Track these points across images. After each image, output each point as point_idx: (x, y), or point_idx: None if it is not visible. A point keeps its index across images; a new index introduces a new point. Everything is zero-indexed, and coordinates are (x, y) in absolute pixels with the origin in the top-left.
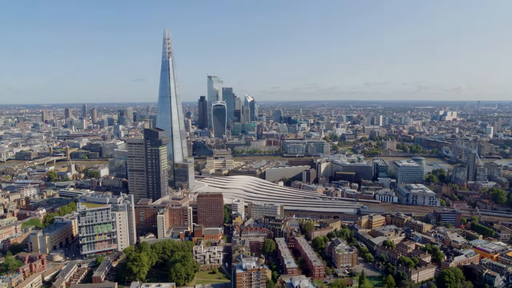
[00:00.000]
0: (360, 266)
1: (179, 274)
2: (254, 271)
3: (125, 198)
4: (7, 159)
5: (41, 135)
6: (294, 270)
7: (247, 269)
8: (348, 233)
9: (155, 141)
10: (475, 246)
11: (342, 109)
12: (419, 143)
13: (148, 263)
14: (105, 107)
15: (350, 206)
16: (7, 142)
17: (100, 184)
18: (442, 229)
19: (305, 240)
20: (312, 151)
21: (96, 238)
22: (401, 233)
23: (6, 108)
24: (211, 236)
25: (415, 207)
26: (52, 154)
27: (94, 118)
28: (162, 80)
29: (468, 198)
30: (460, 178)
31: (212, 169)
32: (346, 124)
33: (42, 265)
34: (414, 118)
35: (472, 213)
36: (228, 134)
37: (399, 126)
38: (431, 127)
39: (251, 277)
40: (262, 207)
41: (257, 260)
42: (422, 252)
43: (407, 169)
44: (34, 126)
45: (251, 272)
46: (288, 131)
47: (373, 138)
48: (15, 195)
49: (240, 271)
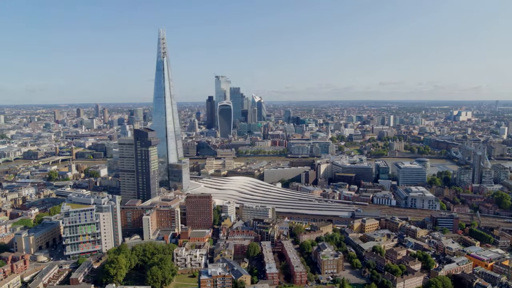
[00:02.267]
0: (346, 273)
1: (155, 278)
2: (219, 277)
3: (110, 199)
4: (15, 158)
5: (50, 135)
6: (274, 276)
7: (212, 275)
8: (338, 237)
9: (145, 141)
10: (470, 253)
11: (355, 109)
12: (429, 144)
13: (126, 266)
14: (120, 107)
15: (345, 209)
16: (17, 142)
17: (98, 184)
18: (437, 235)
19: (291, 244)
20: (317, 151)
21: (80, 239)
22: (393, 238)
23: (24, 108)
24: (197, 239)
25: (414, 210)
26: (57, 154)
27: (105, 118)
28: (157, 80)
29: (470, 201)
30: (465, 181)
31: (212, 170)
32: (355, 125)
33: (25, 265)
34: (427, 118)
35: (473, 218)
36: (234, 134)
37: (409, 126)
38: (442, 128)
39: (216, 284)
40: (254, 209)
41: (224, 267)
42: (412, 259)
43: (409, 171)
44: (46, 126)
45: (216, 279)
46: (295, 131)
47: (382, 138)
48: (13, 195)
49: (205, 277)
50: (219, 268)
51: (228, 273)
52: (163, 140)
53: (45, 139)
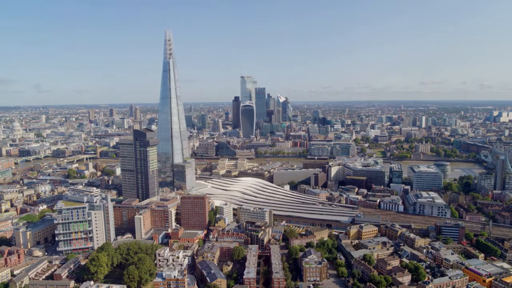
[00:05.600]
0: (330, 281)
1: (131, 277)
2: (173, 281)
3: (102, 198)
4: (45, 156)
5: (81, 134)
6: (251, 281)
7: (165, 278)
8: (330, 243)
9: (143, 142)
10: (468, 266)
11: (391, 109)
12: (458, 146)
13: (108, 264)
14: (156, 107)
15: (347, 214)
16: (49, 140)
17: (110, 182)
18: (437, 245)
19: (278, 249)
20: (338, 153)
21: (73, 236)
22: (389, 246)
23: (67, 108)
24: (188, 239)
25: (421, 217)
26: (83, 152)
27: (136, 117)
28: (163, 81)
29: (487, 209)
30: (486, 187)
31: (223, 170)
32: (384, 125)
33: (19, 259)
34: (465, 119)
35: (485, 228)
36: (257, 135)
37: (441, 128)
38: (478, 129)
39: (169, 287)
40: (251, 211)
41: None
42: (402, 270)
43: (424, 175)
44: (79, 125)
45: (170, 282)
46: (319, 132)
47: (409, 140)
48: (29, 191)
49: (158, 280)
50: (175, 272)
51: (182, 277)
52: (168, 141)
53: (75, 138)
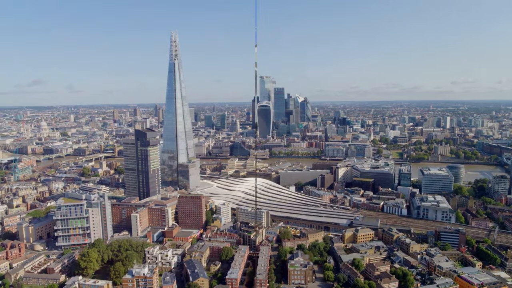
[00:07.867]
0: (315, 285)
1: (117, 274)
2: (141, 278)
3: (100, 195)
4: (66, 154)
5: (103, 133)
6: (233, 281)
7: (135, 275)
8: (322, 246)
9: (144, 141)
10: (460, 275)
11: (419, 109)
12: (480, 148)
13: (98, 260)
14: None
15: (346, 216)
16: (73, 139)
17: (120, 181)
18: (433, 251)
19: (267, 250)
20: (353, 154)
21: (71, 232)
22: (383, 251)
23: (97, 108)
24: (182, 238)
25: (423, 222)
26: (102, 151)
27: (159, 117)
28: (169, 81)
29: (497, 215)
30: (499, 191)
31: (232, 170)
32: (407, 126)
33: (19, 253)
34: (495, 119)
35: (489, 234)
36: (274, 135)
37: (465, 128)
38: (506, 130)
39: (138, 284)
40: (248, 212)
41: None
42: (388, 277)
43: (433, 178)
44: (103, 125)
45: (139, 279)
46: (336, 132)
47: (429, 141)
48: (43, 188)
49: (128, 277)
50: (145, 269)
51: (151, 275)
52: (173, 140)
53: (97, 137)
